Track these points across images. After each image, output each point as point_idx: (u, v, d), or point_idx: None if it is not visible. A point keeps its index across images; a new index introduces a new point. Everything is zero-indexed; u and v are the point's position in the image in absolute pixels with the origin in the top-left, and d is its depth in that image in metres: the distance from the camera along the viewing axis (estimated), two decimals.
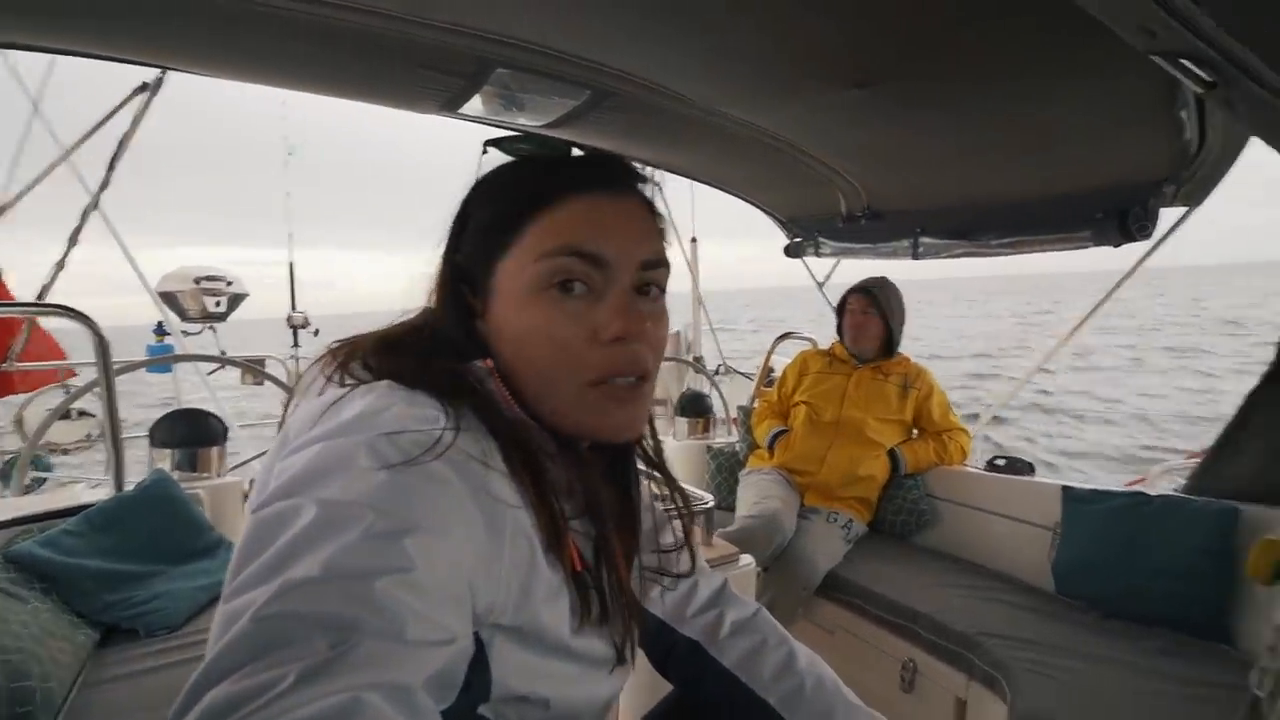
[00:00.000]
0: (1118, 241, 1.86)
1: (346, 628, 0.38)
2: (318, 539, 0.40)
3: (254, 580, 0.40)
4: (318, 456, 0.45)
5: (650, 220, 0.60)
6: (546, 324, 0.55)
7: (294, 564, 0.40)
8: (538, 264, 0.55)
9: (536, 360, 0.56)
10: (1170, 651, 1.53)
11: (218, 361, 3.09)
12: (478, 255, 0.59)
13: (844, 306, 2.45)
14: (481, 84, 1.51)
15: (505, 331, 0.57)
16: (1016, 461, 2.28)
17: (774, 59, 1.38)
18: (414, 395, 0.50)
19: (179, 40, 1.35)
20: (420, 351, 0.57)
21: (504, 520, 0.49)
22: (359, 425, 0.47)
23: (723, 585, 0.82)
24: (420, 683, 0.39)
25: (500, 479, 0.50)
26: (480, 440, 0.51)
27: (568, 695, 0.57)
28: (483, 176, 0.62)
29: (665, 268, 0.60)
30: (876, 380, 2.37)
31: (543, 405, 0.57)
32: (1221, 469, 1.73)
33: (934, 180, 2.14)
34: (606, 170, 0.59)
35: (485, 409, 0.53)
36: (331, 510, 0.42)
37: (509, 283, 0.56)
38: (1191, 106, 1.36)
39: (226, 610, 0.40)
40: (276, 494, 0.44)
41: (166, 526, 1.65)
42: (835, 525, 2.18)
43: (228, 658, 0.37)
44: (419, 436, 0.47)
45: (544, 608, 0.52)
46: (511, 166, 0.61)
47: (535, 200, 0.56)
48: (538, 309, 0.55)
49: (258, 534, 0.42)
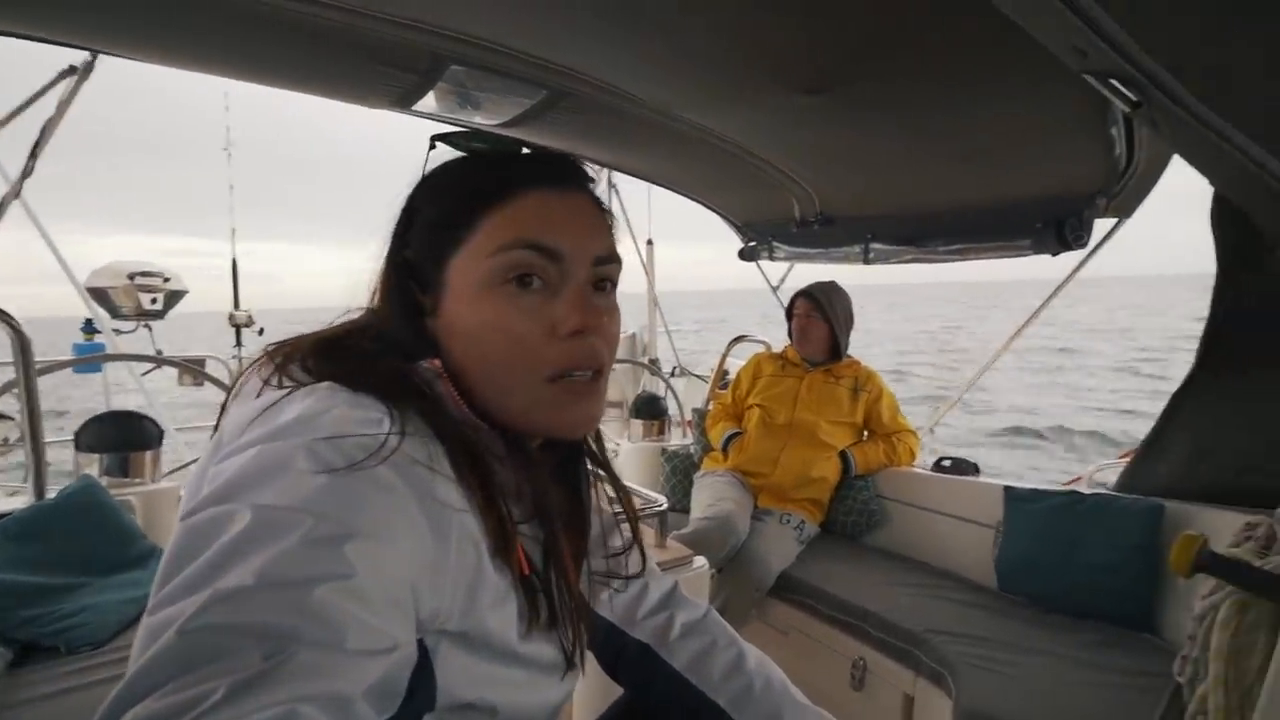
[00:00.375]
0: (1055, 250, 1.94)
1: (283, 637, 0.36)
2: (252, 546, 0.39)
3: (182, 591, 0.38)
4: (254, 460, 0.43)
5: (601, 217, 0.60)
6: (503, 319, 0.54)
7: (226, 573, 0.38)
8: (493, 259, 0.54)
9: (492, 356, 0.55)
10: (1103, 643, 1.60)
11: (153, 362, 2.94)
12: (427, 251, 0.57)
13: (791, 310, 2.50)
14: (436, 81, 1.48)
15: (458, 328, 0.56)
16: (962, 462, 2.36)
17: (728, 64, 1.39)
18: (357, 397, 0.49)
19: (114, 22, 1.28)
20: (363, 352, 0.55)
21: (450, 524, 0.48)
22: (298, 428, 0.45)
23: (673, 588, 0.82)
24: (360, 693, 0.38)
25: (446, 483, 0.49)
26: (426, 443, 0.49)
27: (516, 701, 0.56)
28: (431, 172, 0.60)
29: (617, 263, 0.60)
30: (828, 384, 2.42)
31: (498, 402, 0.56)
32: (1148, 468, 1.82)
33: (884, 187, 2.20)
34: (558, 167, 0.59)
35: (432, 411, 0.52)
36: (267, 515, 0.40)
37: (462, 278, 0.55)
38: (1121, 124, 1.43)
39: (151, 623, 0.37)
40: (208, 500, 0.42)
41: (93, 536, 1.56)
42: (788, 526, 2.21)
43: (151, 673, 0.35)
44: (362, 440, 0.45)
45: (490, 613, 0.51)
46: (462, 162, 0.60)
47: (489, 195, 0.55)
48: (493, 304, 0.54)
49: (187, 542, 0.40)
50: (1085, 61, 0.71)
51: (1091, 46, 0.67)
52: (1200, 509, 1.66)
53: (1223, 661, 0.96)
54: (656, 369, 3.93)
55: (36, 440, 1.74)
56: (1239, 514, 1.43)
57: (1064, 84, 1.22)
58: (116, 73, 1.47)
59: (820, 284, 2.47)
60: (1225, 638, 0.96)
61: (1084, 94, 1.26)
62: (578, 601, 0.61)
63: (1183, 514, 1.68)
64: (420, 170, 0.60)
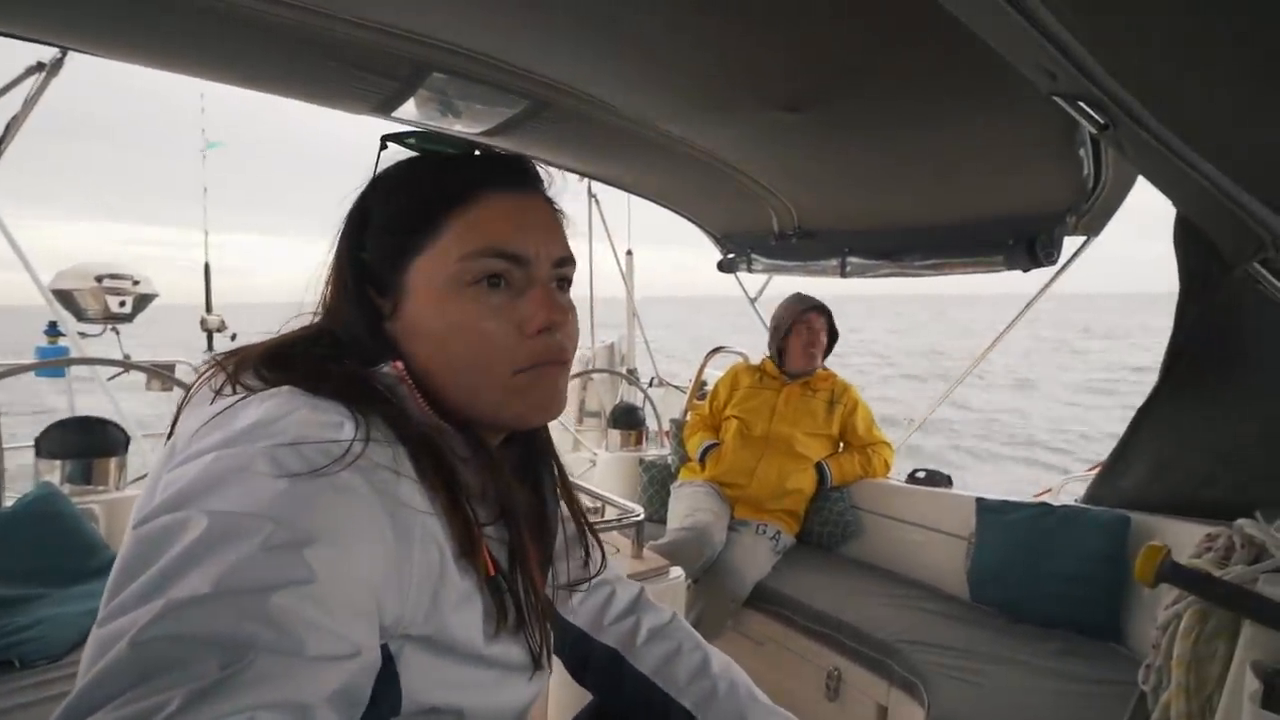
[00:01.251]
0: (1027, 266, 1.99)
1: (240, 646, 0.35)
2: (208, 553, 0.38)
3: (134, 601, 0.37)
4: (210, 467, 0.42)
5: (557, 218, 0.61)
6: (473, 320, 0.55)
7: (180, 581, 0.37)
8: (460, 263, 0.54)
9: (462, 356, 0.55)
10: (1070, 652, 1.63)
11: (120, 366, 2.87)
12: (386, 254, 0.57)
13: (796, 323, 2.44)
14: (416, 88, 1.47)
15: (422, 330, 0.56)
16: (936, 474, 2.39)
17: (709, 79, 1.41)
18: (317, 401, 0.48)
19: (88, 19, 1.26)
20: (320, 358, 0.54)
21: (413, 527, 0.47)
22: (257, 433, 0.44)
23: (638, 593, 0.82)
24: (322, 700, 0.37)
25: (410, 485, 0.48)
26: (390, 447, 0.49)
27: (482, 704, 0.56)
28: (385, 172, 0.59)
29: (573, 264, 0.61)
30: (805, 396, 2.44)
31: (465, 400, 0.56)
32: (1115, 481, 1.87)
33: (861, 202, 2.23)
34: (518, 169, 0.60)
35: (394, 415, 0.51)
36: (224, 522, 0.39)
37: (425, 280, 0.55)
38: (1088, 145, 1.48)
39: (101, 635, 0.36)
40: (161, 508, 0.41)
41: (52, 545, 1.51)
42: (764, 537, 2.22)
43: (103, 685, 0.34)
44: (325, 445, 0.44)
45: (454, 615, 0.51)
46: (419, 163, 0.59)
47: (452, 198, 0.55)
48: (461, 306, 0.55)
49: (139, 551, 0.39)
50: (1054, 84, 0.74)
51: (1060, 70, 0.69)
52: (1164, 520, 1.70)
53: (1184, 669, 0.98)
54: (635, 379, 3.94)
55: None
56: (1200, 525, 1.47)
57: (1035, 106, 1.25)
58: (88, 62, 1.42)
59: (816, 302, 2.48)
60: (1187, 646, 0.99)
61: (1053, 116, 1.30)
62: (543, 602, 0.60)
63: (1147, 525, 1.72)
64: (371, 172, 0.59)
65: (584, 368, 4.38)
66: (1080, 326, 41.30)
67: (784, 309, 2.50)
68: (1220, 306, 1.60)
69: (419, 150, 0.59)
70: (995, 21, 0.64)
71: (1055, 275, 2.15)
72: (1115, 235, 2.12)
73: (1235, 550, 1.08)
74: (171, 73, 1.48)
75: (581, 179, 3.04)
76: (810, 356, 2.45)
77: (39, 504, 1.56)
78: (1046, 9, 0.57)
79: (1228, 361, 1.63)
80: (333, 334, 0.58)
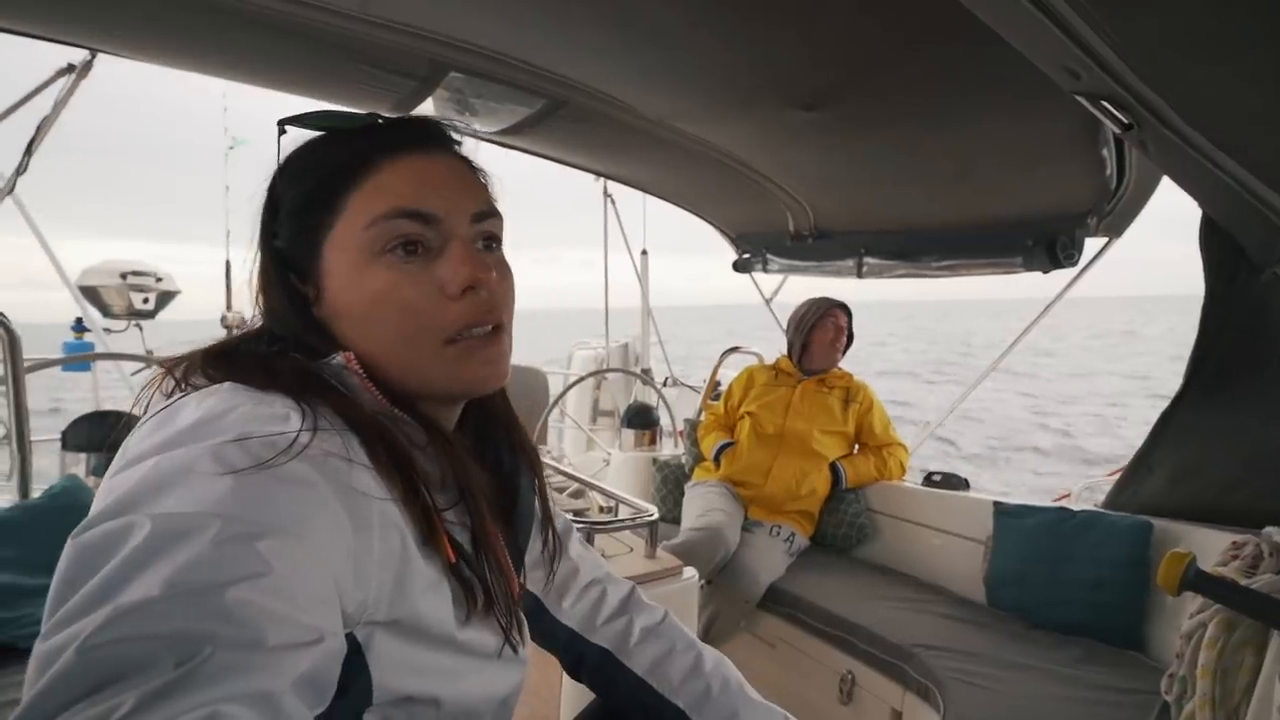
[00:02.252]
0: (1047, 267, 1.97)
1: (195, 641, 0.34)
2: (155, 556, 0.36)
3: (78, 612, 0.35)
4: (151, 471, 0.41)
5: (472, 174, 0.59)
6: (390, 289, 0.53)
7: (127, 586, 0.35)
8: (368, 231, 0.52)
9: (387, 329, 0.53)
10: (1089, 659, 1.60)
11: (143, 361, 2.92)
12: (299, 238, 0.55)
13: (823, 318, 2.42)
14: (434, 87, 1.49)
15: (345, 309, 0.54)
16: (952, 477, 2.36)
17: (726, 78, 1.41)
18: (261, 395, 0.47)
19: (116, 21, 1.28)
20: (263, 354, 0.54)
21: (370, 514, 0.46)
22: (199, 431, 0.43)
23: (630, 592, 0.82)
24: (287, 686, 0.36)
25: (365, 473, 0.47)
26: (338, 434, 0.48)
27: (459, 692, 0.55)
28: (288, 156, 0.57)
29: (497, 217, 0.58)
30: (820, 393, 2.42)
31: (401, 376, 0.55)
32: (1136, 486, 1.83)
33: (878, 203, 2.22)
34: (419, 130, 0.57)
35: (343, 404, 0.50)
36: (170, 523, 0.38)
37: (340, 257, 0.54)
38: (1111, 145, 1.46)
39: (43, 650, 0.34)
40: (101, 515, 0.39)
41: None
42: (778, 539, 2.21)
43: (48, 699, 0.32)
44: (271, 439, 0.43)
45: (422, 600, 0.50)
46: (319, 141, 0.57)
47: (352, 170, 0.54)
48: (376, 276, 0.53)
49: (79, 561, 0.38)
50: (1077, 83, 0.73)
51: (1084, 69, 0.68)
52: (1187, 527, 1.67)
53: (1209, 679, 0.96)
54: (649, 379, 3.94)
55: (22, 438, 1.72)
56: (1226, 533, 1.44)
57: (1057, 105, 1.24)
58: (110, 74, 1.46)
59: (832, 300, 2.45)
60: (1212, 656, 0.97)
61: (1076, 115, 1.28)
62: (510, 582, 0.59)
63: (1170, 532, 1.68)
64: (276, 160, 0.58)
65: (598, 367, 4.39)
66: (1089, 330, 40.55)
67: (808, 305, 2.49)
68: (1248, 309, 1.57)
69: (318, 128, 0.57)
70: (1017, 19, 0.63)
71: (1076, 277, 2.12)
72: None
73: (1263, 559, 1.06)
74: (195, 73, 1.51)
75: (597, 179, 3.05)
76: (833, 352, 2.43)
77: (65, 496, 1.59)
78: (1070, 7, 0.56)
79: (1255, 365, 1.59)
80: (269, 330, 0.57)
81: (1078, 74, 0.71)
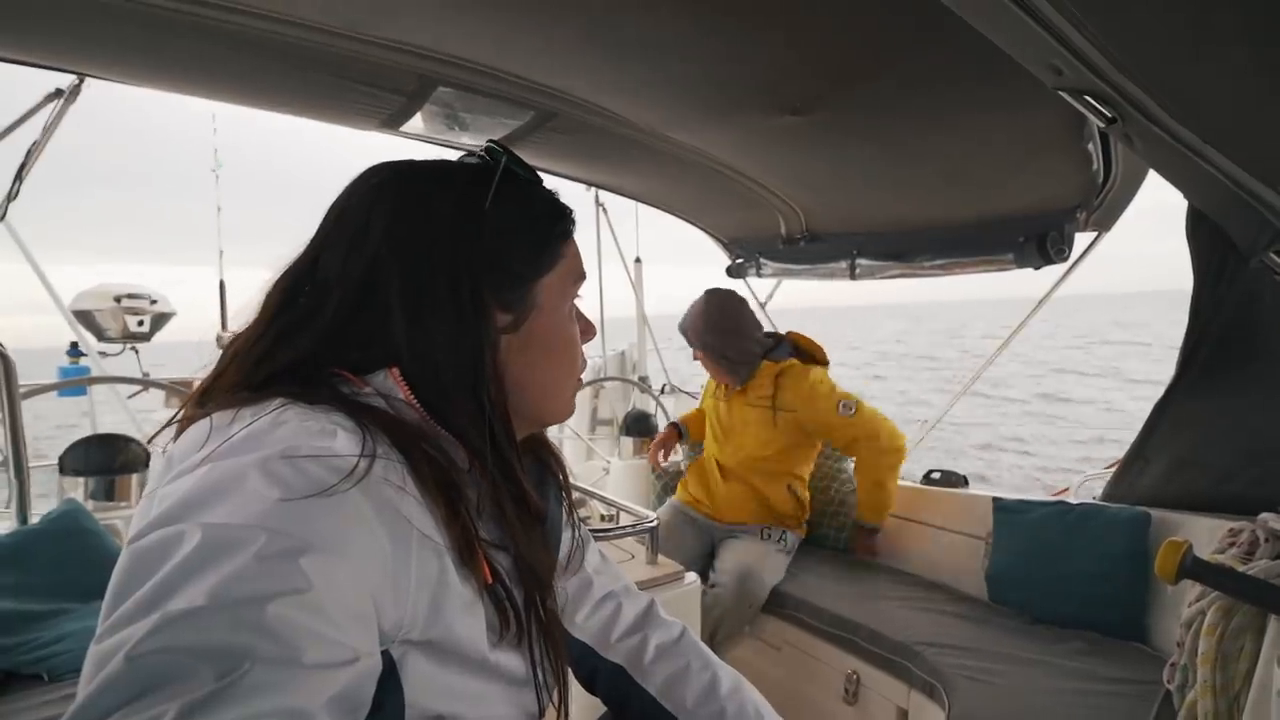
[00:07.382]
0: (1038, 263, 1.98)
1: (236, 656, 0.35)
2: (203, 566, 0.38)
3: (129, 616, 0.37)
4: (204, 478, 0.43)
5: None
6: (572, 332, 0.64)
7: (175, 594, 0.37)
8: (574, 285, 0.64)
9: (564, 365, 0.64)
10: (1092, 652, 1.61)
11: (140, 384, 2.91)
12: (516, 269, 0.59)
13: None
14: (423, 102, 1.49)
15: (540, 341, 0.61)
16: (951, 474, 2.37)
17: (713, 85, 1.42)
18: (312, 411, 0.48)
19: (102, 45, 1.29)
20: (311, 368, 0.54)
21: (410, 534, 0.47)
22: (252, 443, 0.45)
23: (647, 606, 0.81)
24: (320, 705, 0.37)
25: (407, 495, 0.48)
26: (386, 454, 0.49)
27: (487, 715, 0.55)
28: (507, 190, 0.59)
29: None
30: (746, 407, 2.22)
31: (540, 402, 0.63)
32: (1133, 478, 1.84)
33: (868, 204, 2.23)
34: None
35: (390, 423, 0.51)
36: (219, 534, 0.39)
37: (553, 298, 0.62)
38: (1097, 140, 1.47)
39: (98, 651, 0.36)
40: (156, 522, 0.41)
41: (77, 561, 1.53)
42: (770, 542, 2.17)
43: (99, 702, 0.34)
44: (327, 460, 0.45)
45: (459, 621, 0.51)
46: (535, 187, 0.64)
47: (568, 233, 0.64)
48: (569, 323, 0.64)
49: (134, 566, 0.39)
50: (1061, 79, 0.74)
51: (1066, 64, 0.69)
52: (1184, 516, 1.68)
53: (1210, 666, 0.97)
54: (646, 386, 3.94)
55: (20, 464, 1.71)
56: (1222, 520, 1.44)
57: (1042, 102, 1.25)
58: (101, 102, 1.45)
59: (688, 313, 2.25)
60: (1212, 643, 0.97)
61: (1061, 111, 1.29)
62: (550, 617, 0.59)
63: (1168, 522, 1.69)
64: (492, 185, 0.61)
65: (595, 376, 4.38)
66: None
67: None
68: (1237, 299, 1.58)
69: (532, 180, 0.64)
70: (999, 19, 0.64)
71: (1067, 272, 2.13)
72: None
73: (1259, 545, 1.07)
74: (183, 94, 1.51)
75: (589, 189, 3.06)
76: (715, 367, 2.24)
77: (64, 520, 1.58)
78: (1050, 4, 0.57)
79: (1246, 354, 1.61)
80: (311, 346, 0.55)
81: (1060, 70, 0.72)
